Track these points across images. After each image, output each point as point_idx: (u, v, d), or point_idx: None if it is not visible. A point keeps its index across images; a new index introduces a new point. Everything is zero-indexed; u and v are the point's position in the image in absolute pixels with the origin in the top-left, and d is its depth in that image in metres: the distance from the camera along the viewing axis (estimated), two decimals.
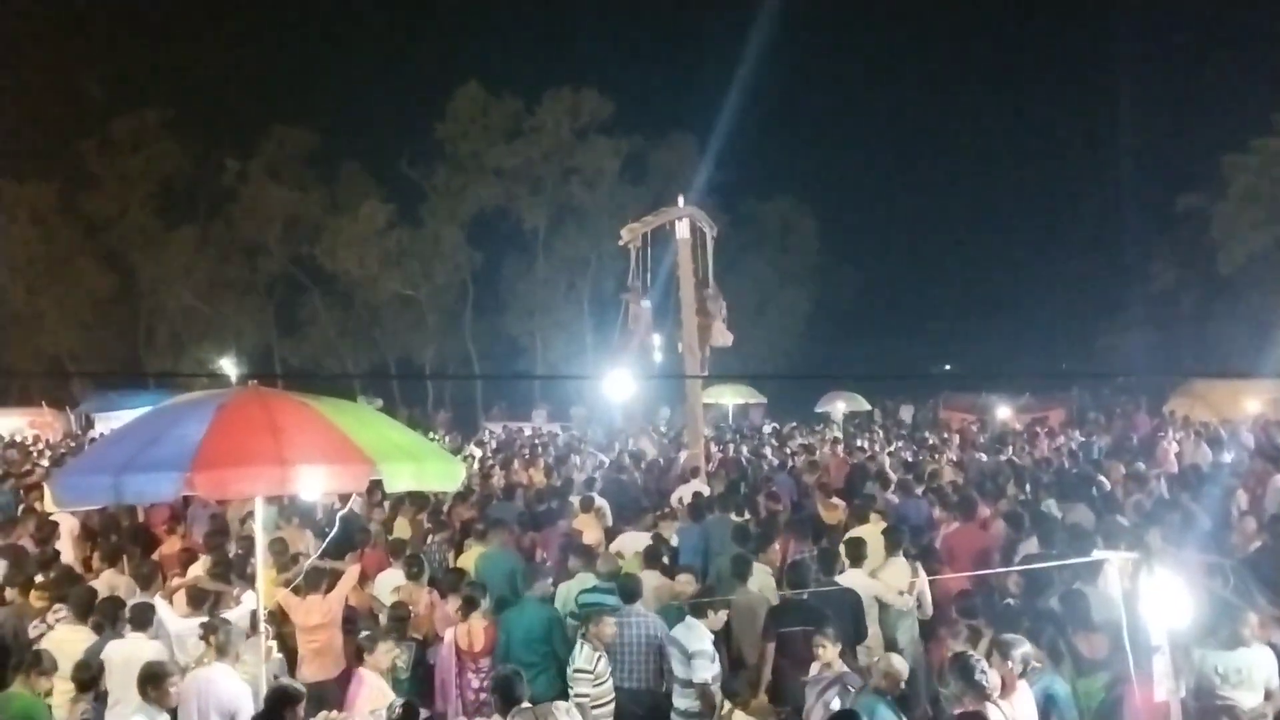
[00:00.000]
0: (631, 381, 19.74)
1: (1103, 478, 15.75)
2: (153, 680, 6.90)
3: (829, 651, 7.60)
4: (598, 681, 8.03)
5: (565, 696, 7.58)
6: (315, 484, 6.54)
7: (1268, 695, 7.09)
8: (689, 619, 8.42)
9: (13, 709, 7.33)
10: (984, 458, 20.73)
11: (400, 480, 6.57)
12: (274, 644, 7.79)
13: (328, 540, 9.16)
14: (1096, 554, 7.70)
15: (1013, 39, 62.99)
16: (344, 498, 10.18)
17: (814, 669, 7.64)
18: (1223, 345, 39.38)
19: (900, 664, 7.28)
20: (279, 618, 8.68)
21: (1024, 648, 6.95)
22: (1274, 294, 34.92)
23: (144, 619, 8.40)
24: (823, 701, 7.33)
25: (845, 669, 7.53)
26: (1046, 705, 6.89)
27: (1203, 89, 45.68)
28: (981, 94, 60.55)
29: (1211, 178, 39.61)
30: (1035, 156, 55.62)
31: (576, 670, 8.06)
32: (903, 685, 7.19)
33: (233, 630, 7.86)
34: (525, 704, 6.66)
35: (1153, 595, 5.92)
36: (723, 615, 8.28)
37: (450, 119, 44.93)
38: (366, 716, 7.12)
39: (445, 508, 13.94)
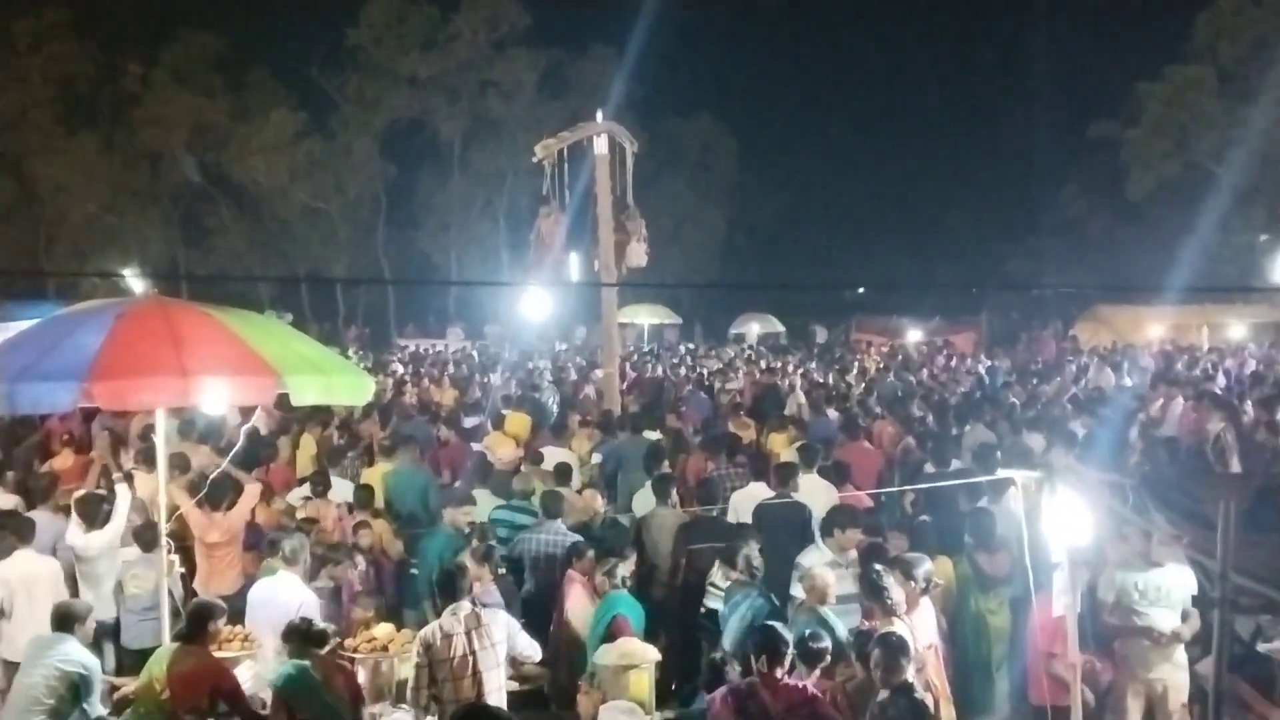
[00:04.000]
0: (547, 298, 19.61)
1: (1013, 399, 16.10)
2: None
3: (481, 570, 7.72)
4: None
5: None
6: (218, 396, 6.44)
7: (1184, 615, 7.31)
8: None
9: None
10: (892, 377, 21.08)
11: (307, 393, 6.45)
12: (176, 558, 7.67)
13: (230, 456, 8.98)
14: (1002, 473, 7.85)
15: None
16: (248, 412, 9.99)
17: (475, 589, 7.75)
18: (1129, 271, 40.28)
19: (824, 574, 7.38)
20: (180, 533, 8.54)
21: (926, 565, 7.09)
22: (1181, 221, 35.67)
23: (26, 534, 8.28)
24: None
25: (493, 588, 7.65)
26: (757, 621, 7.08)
27: (1118, 15, 46.12)
28: (900, 20, 60.45)
29: (1125, 105, 40.18)
30: (951, 82, 55.94)
31: (710, 585, 8.18)
32: (832, 596, 7.29)
33: (299, 539, 7.96)
34: (466, 604, 6.65)
35: (1054, 513, 6.04)
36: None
37: (364, 25, 43.68)
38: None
39: (355, 423, 13.83)
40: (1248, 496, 5.10)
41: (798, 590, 7.64)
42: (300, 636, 6.45)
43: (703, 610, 8.38)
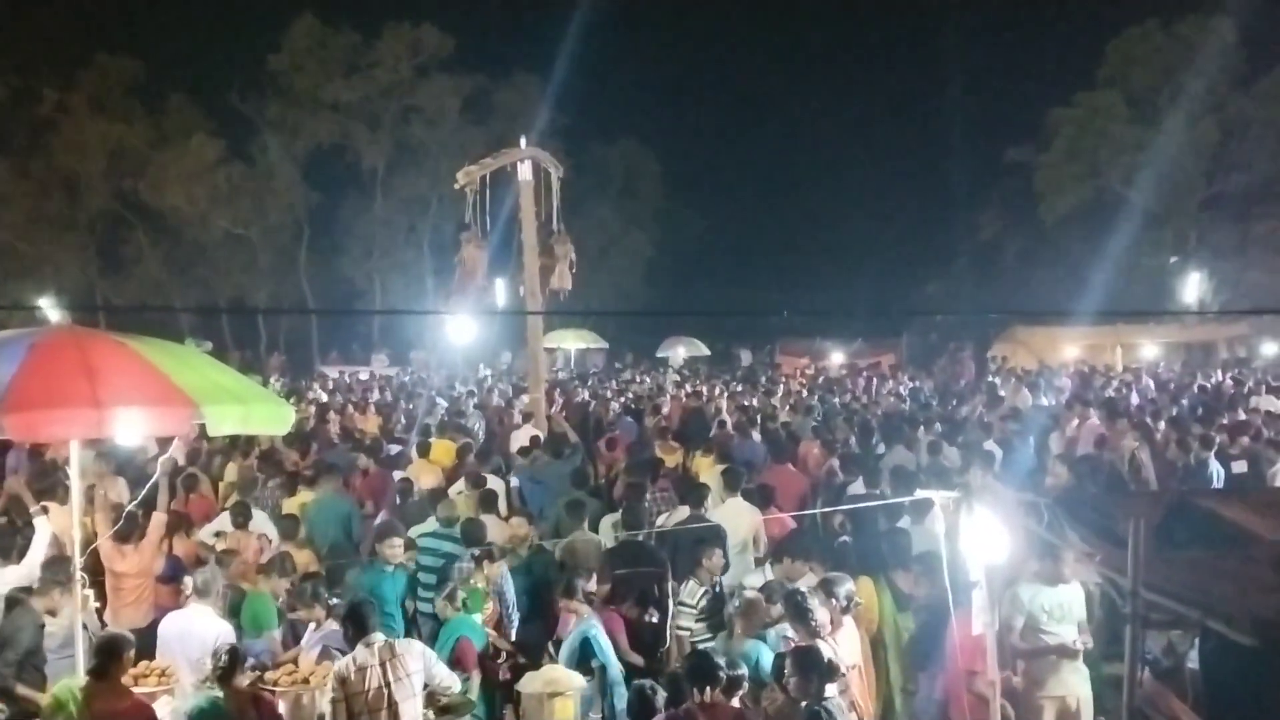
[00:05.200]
0: (471, 324, 19.56)
1: (933, 420, 16.32)
2: None
3: (315, 612, 7.68)
4: (700, 617, 8.03)
5: None
6: (134, 427, 6.34)
7: (1080, 629, 7.48)
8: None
9: (252, 608, 8.11)
10: (814, 399, 21.25)
11: (225, 423, 6.37)
12: (91, 593, 7.51)
13: (147, 487, 8.82)
14: (921, 493, 7.95)
15: None
16: (165, 442, 9.83)
17: (310, 631, 7.74)
18: (1044, 293, 41.10)
19: (756, 596, 7.43)
20: (93, 566, 8.37)
21: (847, 585, 7.16)
22: (1093, 244, 36.51)
23: None
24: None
25: (335, 628, 7.57)
26: (583, 648, 7.17)
27: (1032, 42, 47.21)
28: (818, 48, 61.50)
29: (1038, 131, 41.05)
30: (870, 109, 56.80)
31: (679, 604, 8.13)
32: (769, 617, 7.33)
33: (211, 571, 7.81)
34: (379, 636, 6.58)
35: (972, 532, 6.13)
36: (500, 566, 8.43)
37: (285, 51, 43.29)
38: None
39: (277, 453, 13.65)
40: (1158, 514, 5.23)
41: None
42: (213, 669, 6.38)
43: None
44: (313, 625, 7.64)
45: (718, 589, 8.27)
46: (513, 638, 8.44)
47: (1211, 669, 5.85)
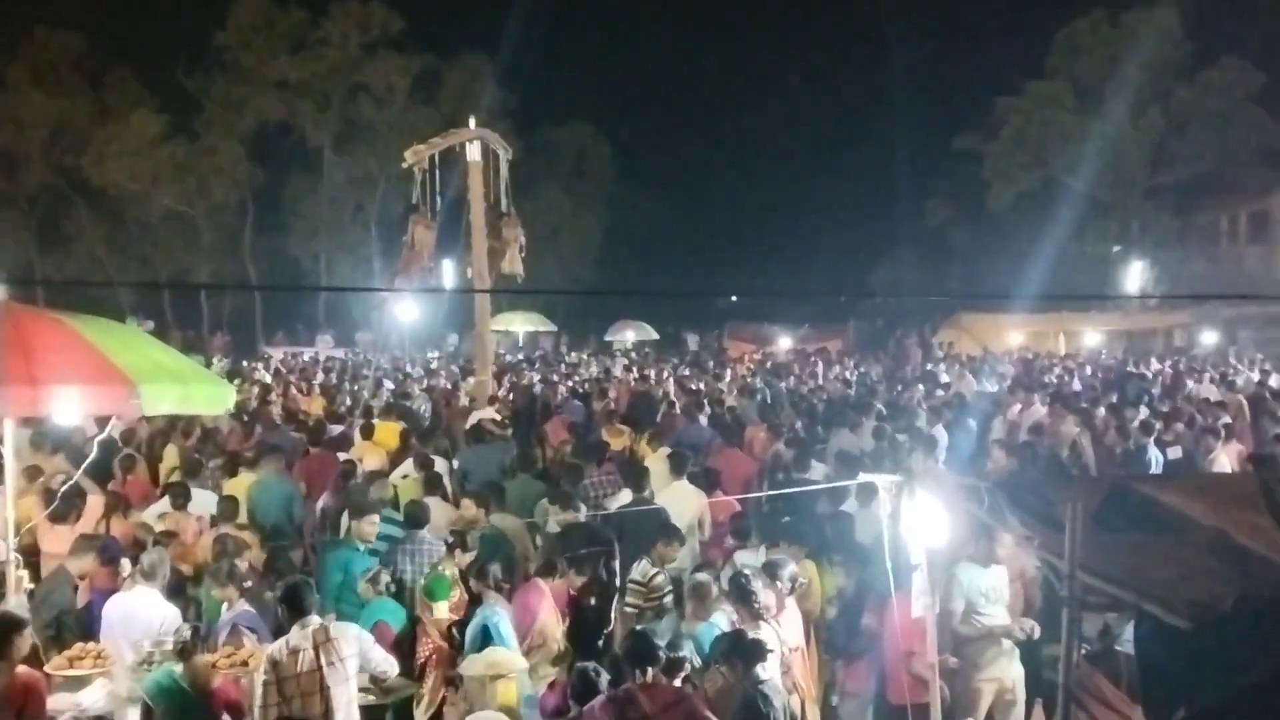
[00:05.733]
0: (414, 305, 19.46)
1: (878, 404, 16.45)
2: None
3: (228, 591, 7.65)
4: (651, 596, 8.04)
5: None
6: (70, 406, 6.27)
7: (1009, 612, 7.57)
8: None
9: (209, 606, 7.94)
10: (760, 384, 21.35)
11: (162, 403, 6.30)
12: (25, 574, 7.37)
13: (83, 467, 8.65)
14: (864, 477, 8.00)
15: None
16: (103, 421, 9.67)
17: (224, 610, 7.66)
18: (990, 279, 41.55)
19: (704, 578, 7.44)
20: (31, 547, 8.22)
21: (791, 567, 7.20)
22: (1039, 232, 36.91)
23: None
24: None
25: (246, 608, 7.51)
26: (484, 635, 7.17)
27: (983, 31, 47.54)
28: (768, 34, 61.59)
29: (987, 119, 41.41)
30: (819, 95, 57.08)
31: (631, 581, 8.13)
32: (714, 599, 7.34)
33: (159, 554, 7.64)
34: (315, 619, 6.50)
35: (913, 516, 6.17)
36: (470, 556, 8.41)
37: (231, 27, 42.66)
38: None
39: (219, 434, 13.50)
40: (1097, 499, 5.28)
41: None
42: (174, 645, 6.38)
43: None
44: (225, 604, 7.53)
45: (668, 571, 8.31)
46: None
47: (1145, 651, 5.92)
